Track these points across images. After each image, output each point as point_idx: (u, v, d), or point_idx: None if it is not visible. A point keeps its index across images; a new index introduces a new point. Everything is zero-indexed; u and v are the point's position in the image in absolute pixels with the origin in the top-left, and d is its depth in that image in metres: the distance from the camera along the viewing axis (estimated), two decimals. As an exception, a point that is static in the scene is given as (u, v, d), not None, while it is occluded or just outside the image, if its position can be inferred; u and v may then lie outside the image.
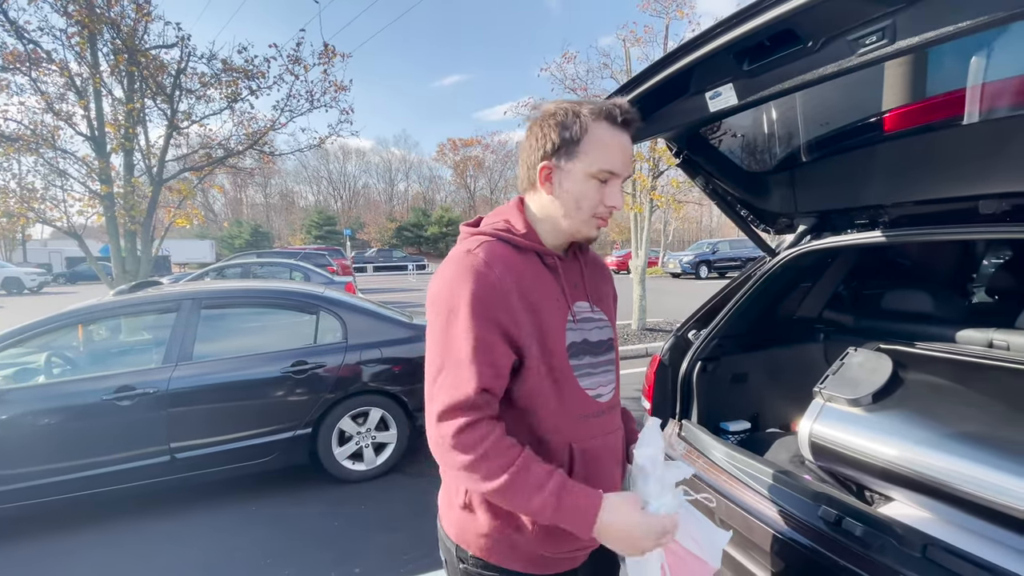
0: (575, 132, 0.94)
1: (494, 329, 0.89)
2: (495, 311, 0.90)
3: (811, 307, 2.49)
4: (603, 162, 0.94)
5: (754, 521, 1.46)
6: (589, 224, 0.99)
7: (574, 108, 0.95)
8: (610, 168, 0.95)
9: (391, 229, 46.62)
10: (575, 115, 0.94)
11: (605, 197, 0.97)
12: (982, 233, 1.49)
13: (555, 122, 0.95)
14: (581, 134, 0.94)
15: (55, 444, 2.93)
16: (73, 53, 6.33)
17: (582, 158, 0.95)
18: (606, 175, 0.95)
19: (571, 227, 0.99)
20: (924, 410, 1.52)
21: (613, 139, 0.95)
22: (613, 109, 0.95)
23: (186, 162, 7.76)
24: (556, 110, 0.96)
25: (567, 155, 0.95)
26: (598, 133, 0.94)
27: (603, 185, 0.97)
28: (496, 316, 0.90)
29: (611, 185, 0.97)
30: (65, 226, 6.78)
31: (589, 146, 0.94)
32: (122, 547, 2.86)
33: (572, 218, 0.99)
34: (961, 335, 1.84)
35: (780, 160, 2.01)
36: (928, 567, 1.12)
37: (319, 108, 7.55)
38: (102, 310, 3.34)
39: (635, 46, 8.52)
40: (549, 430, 0.96)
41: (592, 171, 0.95)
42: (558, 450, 0.96)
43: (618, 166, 0.96)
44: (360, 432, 3.60)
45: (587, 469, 0.98)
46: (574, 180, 0.96)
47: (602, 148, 0.94)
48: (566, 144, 0.95)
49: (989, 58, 1.33)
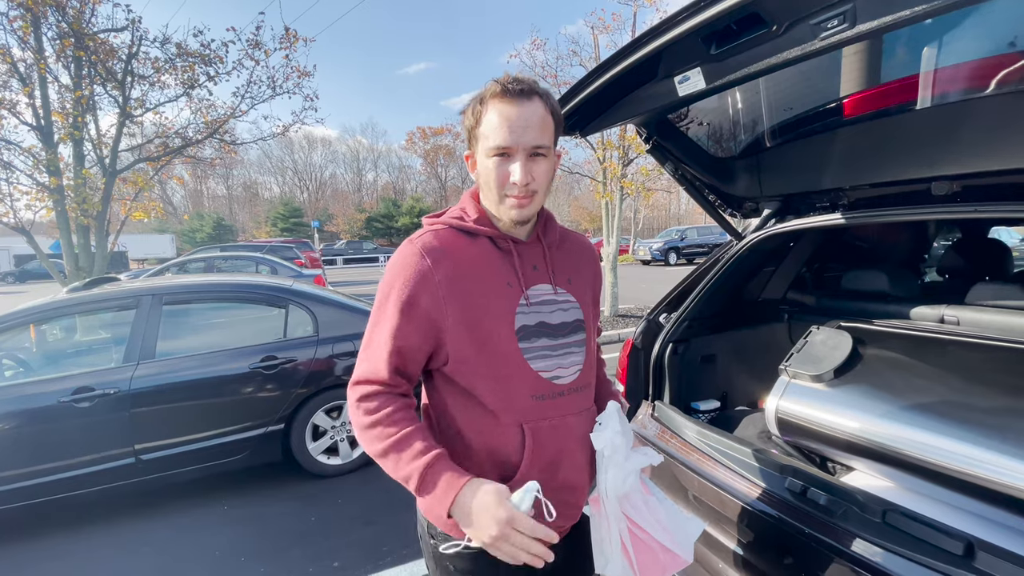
0: (472, 119, 0.97)
1: (415, 318, 0.95)
2: (420, 300, 0.95)
3: (776, 289, 2.57)
4: (492, 139, 0.94)
5: (725, 495, 1.51)
6: (505, 205, 0.98)
7: (480, 94, 0.97)
8: (497, 143, 0.93)
9: (361, 220, 45.78)
10: (477, 101, 0.97)
11: (509, 174, 0.95)
12: (935, 213, 1.56)
13: (465, 114, 0.99)
14: (477, 118, 0.96)
15: (10, 450, 2.79)
16: (15, 38, 5.98)
17: (481, 141, 0.97)
18: (499, 151, 0.94)
19: (496, 212, 1.02)
20: (882, 383, 1.59)
21: (505, 114, 0.93)
22: (498, 84, 0.94)
23: (141, 152, 7.44)
24: (468, 101, 0.99)
25: (474, 141, 1.00)
26: (491, 113, 0.94)
27: (503, 161, 0.95)
28: (420, 305, 0.95)
29: (513, 160, 0.95)
30: (12, 221, 6.39)
31: (484, 128, 0.95)
32: (91, 551, 2.77)
33: (492, 203, 1.01)
34: (915, 312, 1.93)
35: (746, 146, 2.05)
36: (888, 531, 1.18)
37: (282, 95, 7.35)
38: (55, 309, 3.19)
39: (604, 33, 8.54)
40: (498, 410, 0.98)
41: (487, 150, 0.96)
42: (510, 429, 0.99)
43: (507, 140, 0.93)
44: (335, 426, 3.55)
45: (543, 449, 0.99)
46: (480, 164, 0.99)
47: (492, 126, 0.94)
48: (470, 131, 0.99)
49: (941, 45, 1.38)
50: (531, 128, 0.94)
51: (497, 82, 0.95)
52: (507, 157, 0.95)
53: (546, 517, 0.90)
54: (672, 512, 1.07)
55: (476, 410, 0.99)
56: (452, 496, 0.88)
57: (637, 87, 1.43)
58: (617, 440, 1.00)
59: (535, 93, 0.95)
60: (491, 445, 0.99)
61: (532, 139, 0.94)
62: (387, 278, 0.99)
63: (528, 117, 0.94)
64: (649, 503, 1.04)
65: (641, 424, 2.00)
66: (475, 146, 1.00)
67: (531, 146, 0.94)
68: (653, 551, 1.03)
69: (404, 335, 0.96)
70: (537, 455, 0.99)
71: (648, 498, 1.05)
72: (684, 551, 1.05)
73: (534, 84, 0.96)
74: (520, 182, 0.94)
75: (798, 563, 1.31)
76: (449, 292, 0.96)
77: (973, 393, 1.44)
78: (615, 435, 1.00)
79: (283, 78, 7.27)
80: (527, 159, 0.95)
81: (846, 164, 1.77)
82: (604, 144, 8.30)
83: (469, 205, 1.05)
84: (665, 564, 1.04)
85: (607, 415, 1.03)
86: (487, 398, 0.98)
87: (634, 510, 1.02)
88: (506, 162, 0.95)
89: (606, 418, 1.03)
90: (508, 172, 0.95)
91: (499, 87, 0.93)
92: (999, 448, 1.24)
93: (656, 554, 1.03)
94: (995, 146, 1.38)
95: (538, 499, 0.88)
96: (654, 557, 1.03)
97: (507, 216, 1.00)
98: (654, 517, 1.03)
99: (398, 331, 0.95)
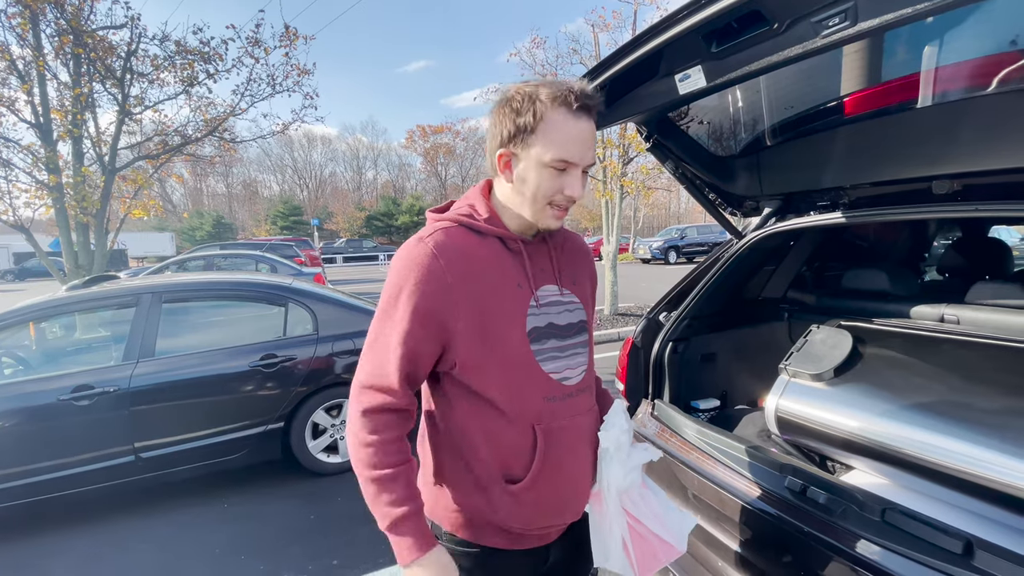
0: (529, 119, 0.91)
1: (428, 322, 0.92)
2: (433, 302, 0.92)
3: (776, 288, 2.57)
4: (558, 151, 0.91)
5: (724, 494, 1.51)
6: (546, 214, 0.96)
7: (532, 92, 0.91)
8: (565, 157, 0.91)
9: (360, 218, 45.71)
10: (531, 100, 0.91)
11: (564, 187, 0.94)
12: (935, 212, 1.56)
13: (511, 108, 0.93)
14: (536, 121, 0.90)
15: (10, 448, 2.79)
16: (14, 35, 5.95)
17: (537, 146, 0.91)
18: (562, 164, 0.92)
19: (531, 216, 0.98)
20: (882, 382, 1.59)
21: (570, 126, 0.90)
22: (569, 95, 0.90)
23: (140, 150, 7.42)
24: (514, 95, 0.93)
25: (523, 143, 0.93)
26: (554, 120, 0.90)
27: (560, 174, 0.93)
28: (433, 308, 0.92)
29: (569, 174, 0.93)
30: (11, 219, 6.38)
31: (544, 134, 0.91)
32: (92, 549, 2.77)
33: (530, 207, 0.97)
34: (915, 311, 1.93)
35: (746, 144, 2.05)
36: (887, 530, 1.18)
37: (281, 92, 7.32)
38: (55, 306, 3.18)
39: (604, 32, 8.53)
40: (510, 413, 0.96)
41: (546, 160, 0.91)
42: (522, 432, 0.97)
43: (574, 155, 0.92)
44: (334, 424, 3.55)
45: (553, 450, 0.99)
46: (529, 168, 0.94)
47: (557, 136, 0.90)
48: (521, 131, 0.92)
49: (942, 44, 1.38)
50: (592, 146, 0.95)
51: (570, 91, 0.90)
52: (563, 171, 0.93)
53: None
54: (666, 504, 1.09)
55: (487, 413, 0.97)
56: (407, 559, 0.91)
57: (637, 85, 1.42)
58: (623, 438, 1.01)
59: (595, 110, 0.95)
60: (500, 447, 0.98)
61: (591, 158, 0.95)
62: (396, 277, 0.94)
63: (592, 134, 0.94)
64: (645, 496, 1.07)
65: (641, 423, 2.00)
66: (523, 149, 0.93)
67: (589, 164, 0.95)
68: (650, 543, 1.05)
69: (416, 339, 0.92)
70: (548, 456, 0.98)
71: (644, 491, 1.07)
72: (678, 541, 1.07)
73: (600, 103, 0.95)
74: (577, 197, 0.94)
75: (797, 562, 1.31)
76: (462, 294, 0.93)
77: (973, 392, 1.44)
78: (621, 433, 1.01)
79: (283, 76, 7.25)
80: (581, 174, 0.95)
81: (846, 163, 1.77)
82: (604, 142, 8.30)
83: (479, 203, 1.01)
84: (660, 555, 1.07)
85: (614, 413, 1.04)
86: (499, 401, 0.96)
87: (632, 504, 1.05)
88: (562, 175, 0.93)
89: (613, 417, 1.04)
90: (563, 185, 0.93)
91: (573, 97, 0.90)
92: (998, 447, 1.24)
93: (653, 546, 1.06)
94: (996, 145, 1.37)
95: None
96: (651, 549, 1.05)
97: (543, 224, 0.98)
98: (650, 509, 1.06)
99: (409, 335, 0.92)
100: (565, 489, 1.02)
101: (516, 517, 0.99)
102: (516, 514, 0.98)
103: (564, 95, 0.90)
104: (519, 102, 0.92)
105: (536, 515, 1.00)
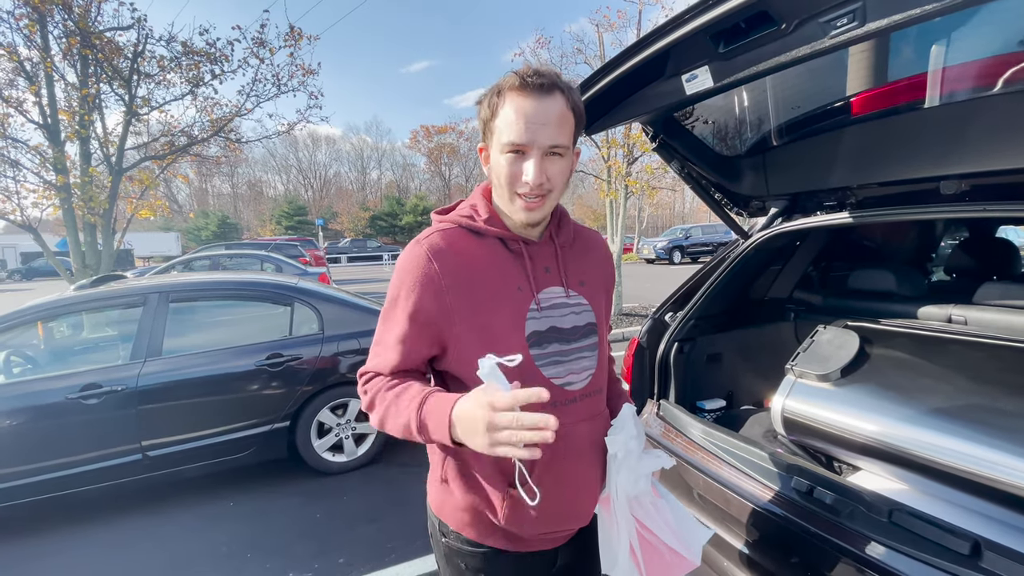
0: (488, 110, 0.92)
1: (421, 324, 0.94)
2: (425, 305, 0.93)
3: (782, 288, 2.56)
4: (507, 134, 0.88)
5: (731, 494, 1.50)
6: (516, 206, 0.93)
7: (498, 85, 0.91)
8: (513, 139, 0.88)
9: (365, 218, 45.84)
10: (492, 92, 0.91)
11: (522, 173, 0.90)
12: (943, 213, 1.55)
13: (482, 104, 0.94)
14: (493, 110, 0.91)
15: (18, 446, 2.82)
16: (22, 36, 5.99)
17: (496, 135, 0.91)
18: (512, 147, 0.89)
19: (506, 209, 0.97)
20: (889, 383, 1.59)
21: (520, 108, 0.87)
22: (516, 77, 0.88)
23: (147, 150, 7.45)
24: (487, 90, 0.94)
25: (488, 134, 0.94)
26: (507, 105, 0.88)
27: (516, 159, 0.90)
28: (425, 311, 0.93)
29: (527, 159, 0.89)
30: (19, 219, 6.44)
31: (500, 121, 0.90)
32: (99, 547, 2.79)
33: (502, 199, 0.96)
34: (922, 311, 1.92)
35: (753, 144, 2.04)
36: (894, 530, 1.17)
37: (286, 93, 7.33)
38: (63, 306, 3.21)
39: (608, 31, 8.52)
40: None
41: (501, 145, 0.90)
42: None
43: (523, 137, 0.87)
44: (340, 423, 3.57)
45: (558, 455, 0.96)
46: (493, 159, 0.94)
47: (507, 121, 0.88)
48: (485, 123, 0.93)
49: (950, 43, 1.37)
50: (549, 125, 0.88)
51: (516, 73, 0.88)
52: (521, 155, 0.89)
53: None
54: (681, 515, 1.06)
55: None
56: (446, 422, 0.81)
57: (644, 85, 1.42)
58: (631, 444, 0.99)
59: (556, 87, 0.88)
60: None
61: (549, 137, 0.88)
62: (395, 279, 0.97)
63: (547, 113, 0.87)
64: (658, 505, 1.04)
65: (646, 423, 2.00)
66: (489, 139, 0.94)
67: (547, 145, 0.88)
68: (660, 553, 1.03)
69: (410, 340, 0.95)
70: (546, 462, 0.96)
71: (657, 500, 1.05)
72: (692, 554, 1.04)
73: (556, 78, 0.89)
74: (533, 182, 0.89)
75: (804, 562, 1.31)
76: (456, 297, 0.92)
77: (980, 393, 1.43)
78: (629, 439, 0.99)
79: (288, 76, 7.27)
80: (542, 158, 0.89)
81: (854, 163, 1.77)
82: (609, 142, 8.29)
83: (480, 203, 1.01)
84: (672, 566, 1.04)
85: (622, 418, 1.02)
86: None
87: (643, 512, 1.02)
88: (520, 160, 0.90)
89: (621, 421, 1.02)
90: (521, 170, 0.90)
91: (518, 79, 0.87)
92: (1007, 448, 1.23)
93: (663, 556, 1.03)
94: (1004, 145, 1.37)
95: (501, 365, 0.79)
96: (661, 559, 1.03)
97: (516, 217, 0.95)
98: (663, 519, 1.03)
99: (405, 336, 0.95)
100: (569, 495, 1.00)
101: (519, 522, 0.98)
102: (519, 519, 0.98)
103: (513, 79, 0.88)
104: (485, 96, 0.93)
105: (539, 521, 0.98)
